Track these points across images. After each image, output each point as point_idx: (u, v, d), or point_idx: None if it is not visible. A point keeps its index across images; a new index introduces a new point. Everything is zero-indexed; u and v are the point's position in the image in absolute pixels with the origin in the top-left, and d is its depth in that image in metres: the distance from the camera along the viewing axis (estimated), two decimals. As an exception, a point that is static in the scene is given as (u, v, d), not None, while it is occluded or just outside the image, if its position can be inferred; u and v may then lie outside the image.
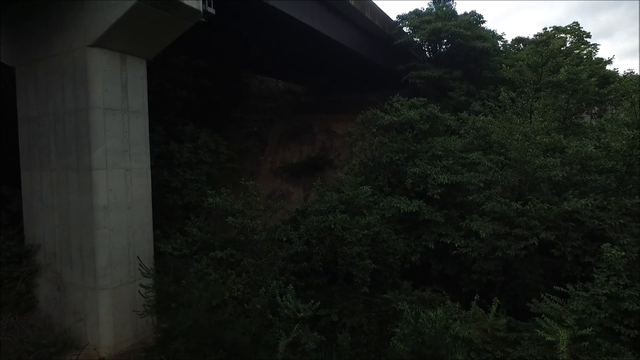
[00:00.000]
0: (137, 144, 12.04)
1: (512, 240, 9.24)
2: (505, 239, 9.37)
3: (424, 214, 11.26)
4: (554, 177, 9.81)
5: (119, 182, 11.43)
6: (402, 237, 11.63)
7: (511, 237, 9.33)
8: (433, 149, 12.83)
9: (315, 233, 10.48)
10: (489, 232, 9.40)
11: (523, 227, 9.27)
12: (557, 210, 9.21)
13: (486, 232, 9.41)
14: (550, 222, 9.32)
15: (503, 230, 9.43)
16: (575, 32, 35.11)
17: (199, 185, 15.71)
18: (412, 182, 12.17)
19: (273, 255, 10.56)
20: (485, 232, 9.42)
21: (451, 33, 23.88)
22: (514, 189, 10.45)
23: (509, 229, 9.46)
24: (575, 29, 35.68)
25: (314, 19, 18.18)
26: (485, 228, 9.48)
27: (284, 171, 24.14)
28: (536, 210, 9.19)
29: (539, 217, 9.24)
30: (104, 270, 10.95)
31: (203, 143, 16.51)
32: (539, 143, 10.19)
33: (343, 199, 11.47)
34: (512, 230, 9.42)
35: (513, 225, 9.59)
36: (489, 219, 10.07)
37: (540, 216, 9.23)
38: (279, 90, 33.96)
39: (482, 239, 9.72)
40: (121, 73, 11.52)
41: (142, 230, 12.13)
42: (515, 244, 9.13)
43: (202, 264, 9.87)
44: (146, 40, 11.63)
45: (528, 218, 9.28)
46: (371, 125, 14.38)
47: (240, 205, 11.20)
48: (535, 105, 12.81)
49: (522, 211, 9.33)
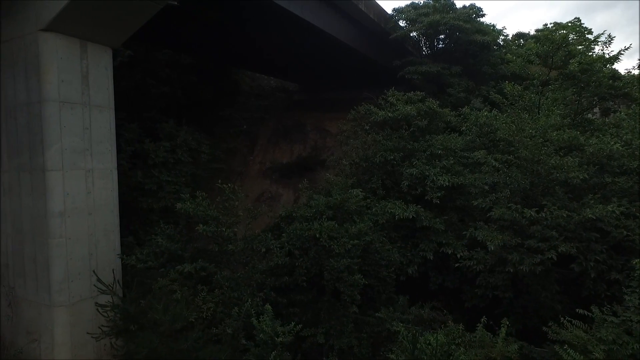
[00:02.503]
0: (100, 142, 10.76)
1: (525, 253, 8.00)
2: (517, 251, 8.12)
3: (421, 221, 10.01)
4: (572, 179, 8.55)
5: (78, 185, 10.15)
6: (397, 247, 10.39)
7: (524, 249, 8.09)
8: (432, 148, 11.57)
9: (299, 243, 9.22)
10: (499, 244, 8.12)
11: (537, 238, 8.04)
12: (577, 218, 7.96)
13: (495, 244, 8.13)
14: (569, 232, 8.08)
15: (514, 241, 8.18)
16: (577, 28, 34.09)
17: (177, 187, 14.41)
18: (409, 185, 10.92)
19: (251, 268, 9.28)
20: (494, 244, 8.14)
21: (450, 26, 22.72)
22: (524, 192, 9.20)
23: (520, 240, 8.21)
24: (577, 25, 34.70)
25: (304, 9, 16.91)
26: (493, 239, 8.21)
27: (273, 172, 22.87)
28: (553, 218, 7.94)
29: (556, 226, 7.99)
30: (60, 284, 9.67)
31: (182, 142, 15.22)
32: (555, 140, 8.94)
33: (331, 203, 10.21)
34: (524, 241, 8.18)
35: (525, 235, 8.36)
36: (496, 227, 8.83)
37: (557, 225, 7.99)
38: (270, 87, 32.69)
39: (489, 251, 8.46)
40: (81, 62, 10.24)
41: (106, 238, 10.85)
42: (528, 257, 7.87)
43: (167, 279, 8.58)
44: (109, 24, 10.34)
45: (543, 227, 8.04)
46: (364, 122, 13.13)
47: (214, 211, 9.92)
48: (543, 100, 11.60)
49: (536, 219, 8.07)
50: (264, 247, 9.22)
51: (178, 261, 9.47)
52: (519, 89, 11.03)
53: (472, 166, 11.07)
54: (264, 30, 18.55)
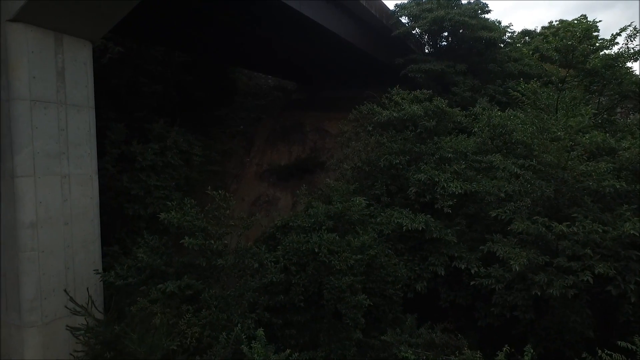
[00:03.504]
0: (78, 145, 9.83)
1: (554, 274, 7.05)
2: (544, 270, 7.16)
3: (431, 232, 9.07)
4: (605, 188, 7.58)
5: (53, 192, 9.23)
6: (404, 260, 9.45)
7: (552, 268, 7.15)
8: (441, 151, 10.62)
9: (295, 257, 8.27)
10: (524, 263, 7.14)
11: (568, 256, 7.08)
12: (614, 234, 7.00)
13: (520, 263, 7.14)
14: (604, 249, 7.13)
15: (541, 259, 7.24)
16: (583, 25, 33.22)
17: (166, 192, 13.47)
18: (416, 191, 9.98)
19: (242, 285, 8.35)
20: (519, 264, 7.14)
21: (455, 22, 21.78)
22: (548, 201, 8.25)
23: (548, 258, 7.26)
24: (583, 22, 33.85)
25: (302, 3, 16.00)
26: (517, 257, 7.22)
27: (271, 174, 21.93)
28: (586, 233, 6.99)
29: (589, 242, 7.04)
30: (31, 303, 8.75)
31: (172, 143, 14.27)
32: (587, 144, 7.98)
33: (331, 212, 9.27)
34: (553, 259, 7.23)
35: (552, 251, 7.42)
36: (516, 240, 7.90)
37: (591, 241, 7.04)
38: (268, 86, 31.75)
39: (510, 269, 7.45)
40: (56, 57, 9.31)
41: (85, 250, 9.93)
42: (559, 279, 6.91)
43: (147, 299, 7.63)
44: (88, 15, 9.40)
45: (573, 243, 7.09)
46: (367, 123, 12.19)
47: (203, 222, 8.98)
48: (561, 99, 10.67)
49: (565, 234, 7.09)
50: (257, 262, 8.26)
51: (162, 277, 8.52)
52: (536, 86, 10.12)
53: (486, 171, 10.13)
54: (260, 26, 17.65)
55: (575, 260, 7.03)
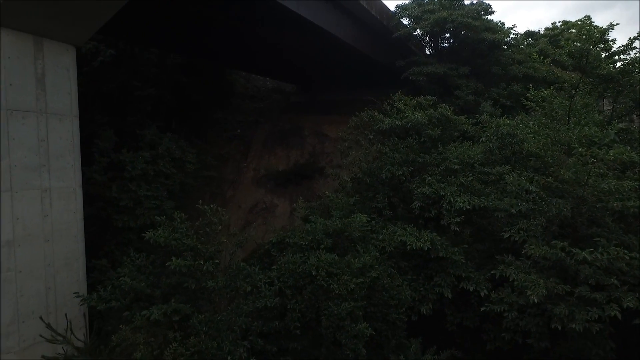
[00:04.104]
0: (60, 156, 9.23)
1: (575, 304, 6.44)
2: (564, 300, 6.55)
3: (437, 250, 8.48)
4: (630, 209, 6.95)
5: (32, 208, 8.65)
6: (407, 279, 8.84)
7: (573, 298, 6.54)
8: (447, 162, 10.02)
9: (291, 280, 7.66)
10: (542, 293, 6.50)
11: (590, 285, 6.48)
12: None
13: (539, 293, 6.51)
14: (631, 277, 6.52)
15: (561, 289, 6.62)
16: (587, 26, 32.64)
17: (158, 202, 12.85)
18: (421, 206, 9.38)
19: (234, 309, 7.74)
20: (537, 294, 6.51)
21: (458, 23, 21.21)
22: (566, 221, 7.64)
23: (569, 288, 6.65)
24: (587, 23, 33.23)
25: (300, 4, 15.41)
26: (535, 287, 6.59)
27: (268, 180, 21.32)
28: (610, 259, 6.39)
29: (615, 270, 6.44)
30: (8, 327, 8.17)
31: (165, 151, 13.64)
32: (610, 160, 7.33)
33: (330, 229, 8.67)
34: (573, 289, 6.62)
35: (570, 276, 6.83)
36: (530, 262, 7.30)
37: (616, 269, 6.44)
38: (266, 89, 31.14)
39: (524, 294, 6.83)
40: (35, 62, 8.71)
41: (68, 268, 9.34)
42: (581, 311, 6.29)
43: (131, 327, 7.02)
44: (70, 17, 8.79)
45: (595, 269, 6.49)
46: (367, 131, 11.58)
47: (192, 239, 8.37)
48: (574, 106, 10.08)
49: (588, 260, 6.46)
50: (250, 285, 7.66)
51: (147, 300, 7.92)
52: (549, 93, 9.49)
53: (494, 183, 9.52)
54: (259, 28, 17.06)
55: (600, 290, 6.44)
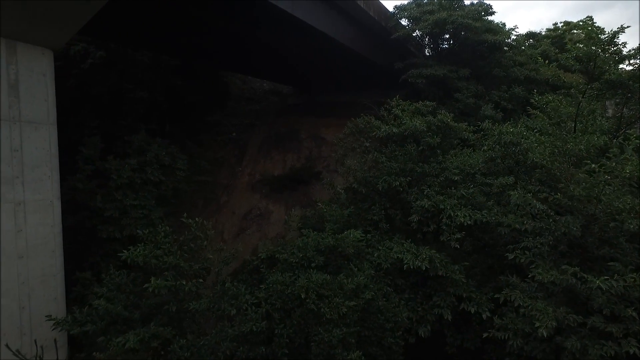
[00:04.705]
0: (36, 167, 8.68)
1: (588, 336, 5.91)
2: (576, 332, 6.00)
3: (436, 269, 7.95)
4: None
5: (5, 222, 8.11)
6: (404, 298, 8.31)
7: (586, 330, 5.99)
8: (446, 172, 9.49)
9: (279, 302, 7.13)
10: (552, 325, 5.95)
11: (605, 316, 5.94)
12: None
13: (548, 325, 5.95)
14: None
15: (572, 319, 6.08)
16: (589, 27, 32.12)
17: (145, 212, 12.31)
18: (420, 220, 8.85)
19: (218, 333, 7.21)
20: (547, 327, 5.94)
21: (458, 25, 20.69)
22: (575, 240, 7.11)
23: (582, 319, 6.11)
24: (589, 24, 32.80)
25: (295, 6, 14.89)
26: (543, 317, 6.03)
27: (263, 185, 20.77)
28: (627, 287, 5.84)
29: (632, 298, 5.90)
30: (-23, 351, 7.61)
31: (153, 158, 13.09)
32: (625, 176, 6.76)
33: (322, 246, 8.15)
34: (586, 320, 6.09)
35: (582, 303, 6.30)
36: (536, 285, 6.77)
37: (633, 297, 5.90)
38: (263, 90, 30.60)
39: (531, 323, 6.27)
40: (8, 67, 8.17)
41: (44, 286, 8.80)
42: (595, 344, 5.73)
43: (105, 355, 6.49)
44: (45, 19, 8.26)
45: (609, 297, 5.96)
46: (363, 138, 11.04)
47: (175, 257, 7.83)
48: (580, 112, 9.56)
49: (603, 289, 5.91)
50: (234, 308, 7.13)
51: (125, 323, 7.38)
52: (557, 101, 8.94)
53: (497, 196, 8.98)
54: (253, 29, 16.55)
55: (615, 321, 5.91)
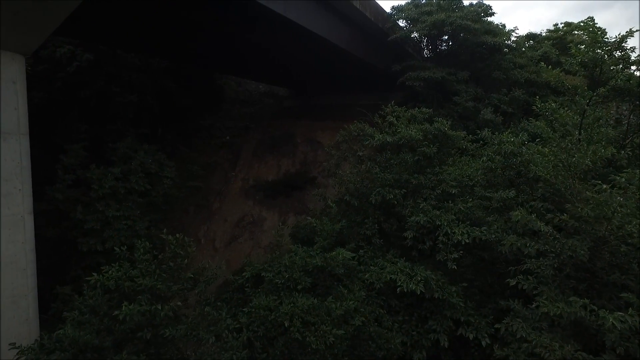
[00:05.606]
0: (6, 181, 8.14)
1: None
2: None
3: (432, 291, 7.42)
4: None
5: (-31, 241, 7.55)
6: (398, 321, 7.77)
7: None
8: (443, 184, 8.95)
9: (262, 329, 6.60)
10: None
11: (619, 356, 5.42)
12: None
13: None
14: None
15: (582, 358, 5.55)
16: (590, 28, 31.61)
17: (129, 222, 11.77)
18: (415, 236, 8.33)
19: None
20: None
21: (456, 26, 20.15)
22: (582, 265, 6.58)
23: (593, 358, 5.59)
24: (590, 25, 32.26)
25: (288, 7, 14.34)
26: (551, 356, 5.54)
27: (257, 191, 20.23)
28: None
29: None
30: (-63, 381, 7.08)
31: (138, 166, 12.55)
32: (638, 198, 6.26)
33: (309, 267, 7.61)
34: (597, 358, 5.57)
35: (591, 335, 5.78)
36: (540, 313, 6.26)
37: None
38: (258, 93, 30.05)
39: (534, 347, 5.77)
40: (-27, 75, 7.62)
41: (15, 307, 8.25)
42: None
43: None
44: (14, 22, 7.71)
45: (622, 332, 5.44)
46: (357, 147, 10.51)
47: (152, 278, 7.29)
48: (585, 121, 9.04)
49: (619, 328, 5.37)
50: (213, 334, 6.59)
51: (96, 352, 6.83)
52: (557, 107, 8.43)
53: (499, 211, 8.44)
54: (246, 31, 16.01)
55: None
